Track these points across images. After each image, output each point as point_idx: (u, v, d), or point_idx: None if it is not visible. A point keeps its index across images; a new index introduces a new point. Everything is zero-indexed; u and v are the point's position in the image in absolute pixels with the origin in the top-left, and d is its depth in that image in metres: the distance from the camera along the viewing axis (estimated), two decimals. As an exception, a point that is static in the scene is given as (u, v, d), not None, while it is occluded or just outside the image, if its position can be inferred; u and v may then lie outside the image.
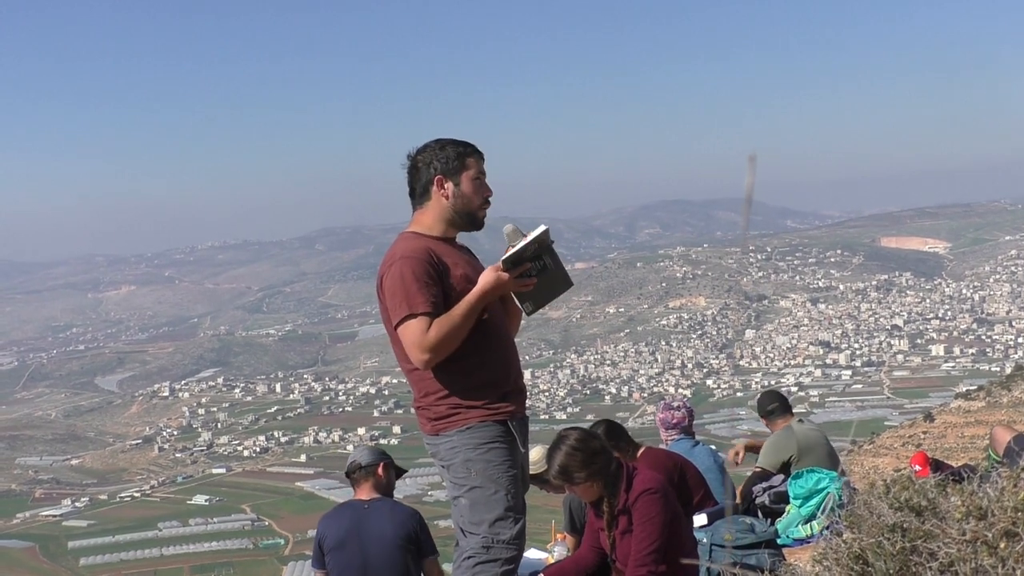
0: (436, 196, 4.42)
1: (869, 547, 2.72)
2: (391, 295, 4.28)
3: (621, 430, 6.92)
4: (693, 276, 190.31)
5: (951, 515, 2.69)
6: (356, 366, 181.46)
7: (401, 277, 4.25)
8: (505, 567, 4.25)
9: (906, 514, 2.76)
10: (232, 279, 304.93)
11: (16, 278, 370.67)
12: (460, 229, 4.50)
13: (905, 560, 2.66)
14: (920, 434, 37.06)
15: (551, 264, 4.35)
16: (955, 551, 2.61)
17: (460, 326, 4.22)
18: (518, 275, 4.27)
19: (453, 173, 4.40)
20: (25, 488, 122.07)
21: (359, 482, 6.29)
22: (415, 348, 4.21)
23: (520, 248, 4.25)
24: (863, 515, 2.83)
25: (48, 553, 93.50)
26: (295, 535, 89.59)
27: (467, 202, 4.42)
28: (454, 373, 4.29)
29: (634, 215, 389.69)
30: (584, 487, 5.18)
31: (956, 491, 2.87)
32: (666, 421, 8.37)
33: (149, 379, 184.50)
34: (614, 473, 5.17)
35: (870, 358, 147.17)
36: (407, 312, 4.22)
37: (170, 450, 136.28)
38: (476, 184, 4.43)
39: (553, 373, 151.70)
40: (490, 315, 4.36)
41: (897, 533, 2.72)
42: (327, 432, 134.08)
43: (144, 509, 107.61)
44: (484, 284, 4.27)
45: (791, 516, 7.79)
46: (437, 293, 4.25)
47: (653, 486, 5.16)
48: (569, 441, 5.12)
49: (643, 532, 5.01)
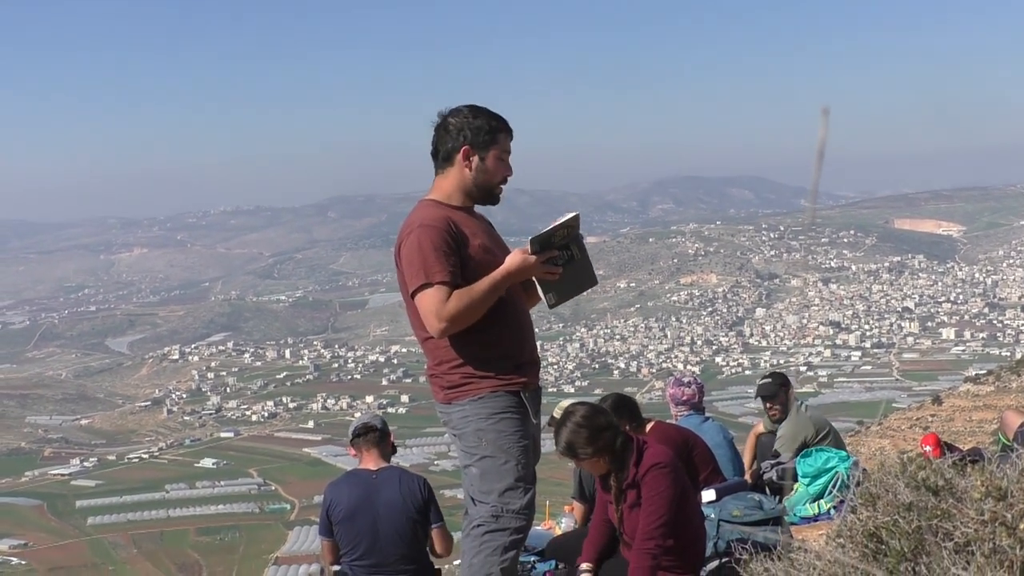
0: (459, 165, 4.38)
1: (884, 525, 2.70)
2: (408, 263, 4.25)
3: (630, 404, 6.90)
4: (705, 253, 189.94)
5: (969, 495, 2.67)
6: (366, 334, 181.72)
7: (419, 245, 4.22)
8: (514, 536, 4.25)
9: (923, 493, 2.74)
10: (244, 244, 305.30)
11: (30, 238, 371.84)
12: (477, 202, 4.47)
13: (920, 539, 2.65)
14: (928, 417, 36.92)
15: (578, 256, 4.31)
16: (972, 531, 2.60)
17: (481, 302, 4.20)
18: (544, 260, 4.24)
19: (482, 147, 4.36)
20: (34, 447, 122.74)
21: (367, 448, 6.27)
22: (432, 317, 4.19)
23: (550, 231, 4.22)
24: (879, 493, 2.82)
25: (56, 511, 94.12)
26: (301, 500, 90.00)
27: (488, 178, 4.39)
28: (469, 343, 4.27)
29: (648, 190, 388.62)
30: (591, 462, 5.18)
31: (976, 471, 2.85)
32: (676, 397, 8.38)
33: (159, 342, 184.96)
34: (621, 448, 5.15)
35: (880, 339, 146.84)
36: (424, 280, 4.19)
37: (179, 413, 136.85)
38: (500, 163, 4.40)
39: (562, 346, 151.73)
40: (507, 288, 4.34)
41: (913, 512, 2.70)
42: (335, 399, 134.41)
43: (152, 471, 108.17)
44: (510, 265, 4.24)
45: (799, 494, 7.80)
46: (455, 263, 4.22)
47: (662, 460, 5.15)
48: (575, 417, 5.10)
49: (651, 506, 5.01)
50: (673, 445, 6.88)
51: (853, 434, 33.59)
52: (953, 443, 9.37)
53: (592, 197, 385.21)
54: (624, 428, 5.34)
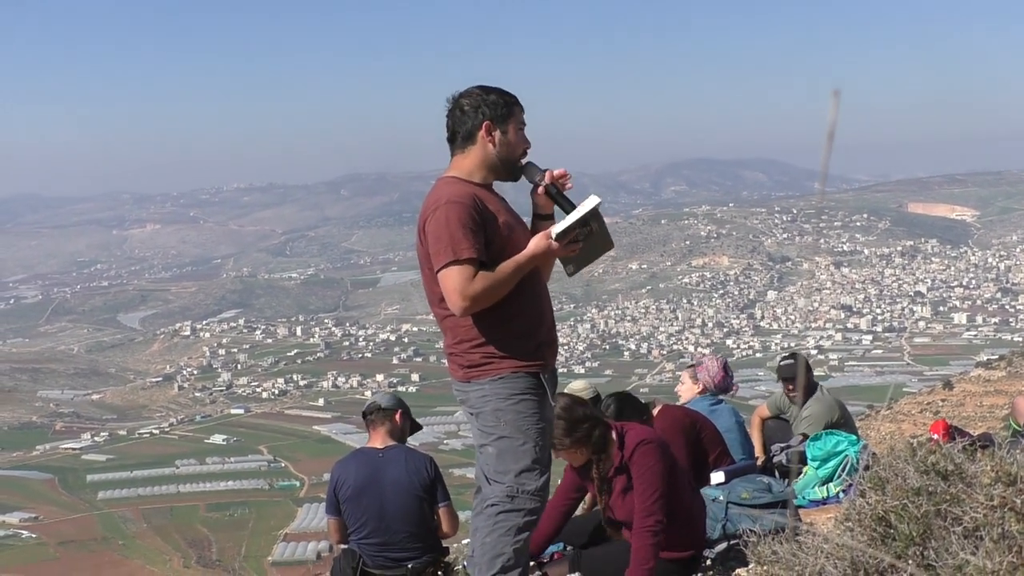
0: (482, 142, 4.37)
1: (893, 509, 2.72)
2: (435, 239, 4.24)
3: (631, 401, 6.88)
4: (717, 235, 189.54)
5: (978, 480, 2.68)
6: (377, 312, 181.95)
7: (447, 221, 4.21)
8: (528, 517, 4.27)
9: (932, 478, 2.76)
10: (256, 221, 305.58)
11: (42, 212, 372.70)
12: (499, 178, 4.46)
13: (929, 524, 2.66)
14: (938, 401, 36.78)
15: (596, 228, 4.33)
16: (981, 516, 2.61)
17: (505, 283, 4.21)
18: (568, 242, 4.28)
19: (501, 120, 4.36)
20: (46, 421, 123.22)
21: (375, 426, 6.29)
22: (456, 294, 4.19)
23: (573, 222, 4.24)
24: (888, 477, 2.83)
25: (67, 485, 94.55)
26: (311, 478, 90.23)
27: (511, 150, 4.38)
28: (490, 322, 4.28)
29: (661, 172, 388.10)
30: (568, 453, 5.22)
31: (985, 457, 2.86)
32: (707, 375, 8.35)
33: (171, 318, 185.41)
34: (599, 439, 5.19)
35: (891, 324, 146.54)
36: (452, 257, 4.17)
37: (190, 389, 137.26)
38: (520, 135, 4.42)
39: (573, 327, 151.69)
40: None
41: (923, 496, 2.71)
42: (346, 377, 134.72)
43: (162, 446, 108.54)
44: (534, 249, 4.24)
45: (808, 477, 7.81)
46: (481, 240, 4.21)
47: (647, 436, 5.19)
48: (554, 409, 5.13)
49: (644, 482, 5.04)
50: (681, 427, 6.91)
51: (863, 418, 33.52)
52: (964, 428, 9.38)
53: (605, 178, 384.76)
54: (621, 425, 5.37)
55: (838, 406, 8.53)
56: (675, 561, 5.28)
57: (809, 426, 8.36)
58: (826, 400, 8.55)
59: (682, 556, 5.34)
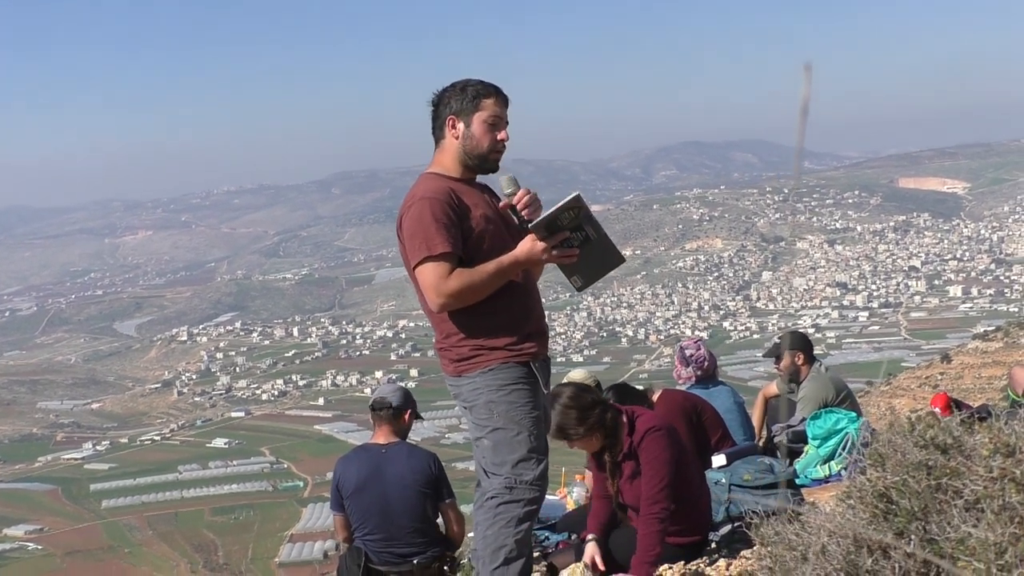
0: (449, 136, 4.40)
1: (894, 485, 2.72)
2: (410, 236, 4.25)
3: (630, 390, 6.89)
4: (710, 218, 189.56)
5: (977, 452, 2.68)
6: (373, 309, 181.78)
7: (420, 218, 4.22)
8: (527, 507, 4.27)
9: (931, 452, 2.75)
10: (248, 223, 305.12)
11: (34, 223, 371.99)
12: (475, 171, 4.46)
13: (930, 498, 2.66)
14: (937, 375, 36.89)
15: (594, 235, 4.25)
16: (982, 488, 2.61)
17: (484, 284, 4.19)
18: (557, 244, 4.22)
19: (465, 113, 4.35)
20: (47, 432, 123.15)
21: (381, 422, 6.30)
22: (431, 291, 4.19)
23: (551, 214, 4.17)
24: (887, 453, 2.83)
25: (71, 495, 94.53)
26: (314, 477, 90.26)
27: (475, 144, 4.35)
28: (477, 315, 4.27)
29: (651, 157, 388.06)
30: (583, 442, 5.22)
31: (984, 428, 2.86)
32: (680, 374, 8.35)
33: (167, 323, 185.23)
34: (611, 423, 5.19)
35: (887, 299, 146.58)
36: (426, 254, 4.18)
37: (189, 394, 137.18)
38: (486, 127, 4.37)
39: (570, 316, 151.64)
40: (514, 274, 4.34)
41: (922, 471, 2.71)
42: (345, 375, 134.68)
43: (164, 452, 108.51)
44: (519, 252, 4.22)
45: (809, 456, 7.82)
46: (457, 235, 4.21)
47: (656, 424, 5.19)
48: (562, 399, 5.13)
49: (652, 470, 5.05)
50: (681, 411, 6.91)
51: (862, 395, 33.59)
52: (963, 400, 9.39)
53: (595, 165, 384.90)
54: (631, 410, 5.36)
55: (834, 384, 8.49)
56: (682, 547, 5.29)
57: (804, 407, 8.35)
58: (821, 379, 8.52)
59: (689, 541, 5.35)
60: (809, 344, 8.94)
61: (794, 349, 8.83)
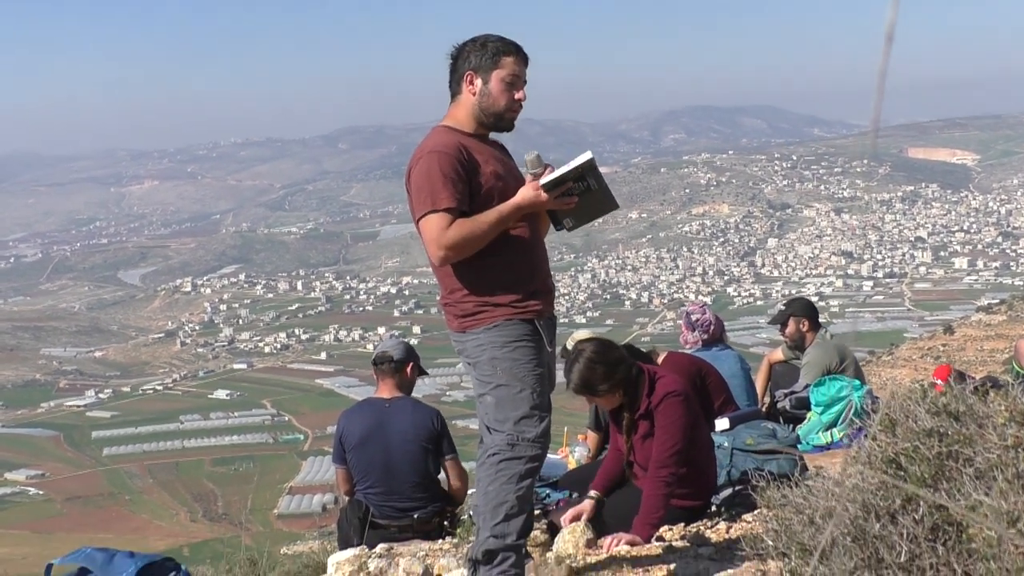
0: (466, 92, 4.35)
1: (904, 451, 2.69)
2: (417, 188, 4.22)
3: (635, 349, 6.87)
4: (717, 183, 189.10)
5: (991, 420, 2.65)
6: (377, 265, 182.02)
7: (428, 171, 4.19)
8: (529, 464, 4.25)
9: (944, 419, 2.72)
10: (254, 176, 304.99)
11: (40, 170, 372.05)
12: (490, 129, 4.42)
13: (941, 465, 2.63)
14: (939, 346, 36.94)
15: (595, 185, 4.25)
16: (995, 457, 2.58)
17: (485, 233, 4.15)
18: (559, 195, 4.21)
19: (484, 70, 4.30)
20: (49, 378, 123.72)
21: (384, 376, 6.29)
22: (432, 244, 4.16)
23: (562, 174, 4.16)
24: (898, 419, 2.80)
25: (72, 442, 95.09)
26: (315, 431, 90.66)
27: (492, 102, 4.31)
28: (482, 270, 4.24)
29: (659, 120, 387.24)
30: (607, 397, 5.20)
31: (999, 396, 2.83)
32: (696, 325, 8.30)
33: (171, 274, 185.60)
34: (635, 380, 5.18)
35: (892, 269, 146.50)
36: (430, 207, 4.15)
37: (192, 345, 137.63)
38: (505, 85, 4.32)
39: (574, 277, 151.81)
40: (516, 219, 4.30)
41: (934, 438, 2.68)
42: (347, 330, 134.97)
43: (166, 402, 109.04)
44: (521, 199, 4.19)
45: (812, 423, 7.82)
46: (463, 190, 4.17)
47: (676, 389, 5.18)
48: (587, 354, 5.12)
49: (665, 434, 5.05)
50: (686, 374, 6.88)
51: (865, 364, 33.62)
52: (965, 372, 9.37)
53: (603, 127, 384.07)
54: (653, 370, 5.35)
55: (838, 352, 8.47)
56: (685, 509, 5.31)
57: (807, 373, 8.33)
58: (826, 346, 8.50)
59: (693, 505, 5.37)
60: (814, 311, 8.92)
61: (799, 316, 8.80)
